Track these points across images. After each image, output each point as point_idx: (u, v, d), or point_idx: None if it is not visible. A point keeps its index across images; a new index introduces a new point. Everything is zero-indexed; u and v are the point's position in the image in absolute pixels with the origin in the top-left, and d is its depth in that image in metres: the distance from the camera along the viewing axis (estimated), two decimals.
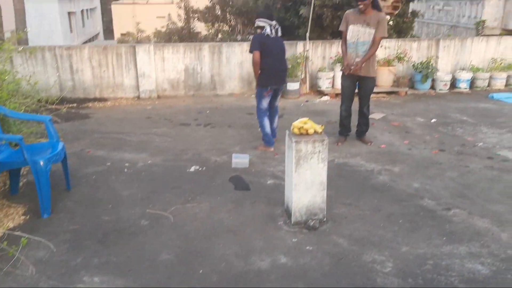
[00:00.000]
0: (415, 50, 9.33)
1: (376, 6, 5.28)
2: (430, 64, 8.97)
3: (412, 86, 9.13)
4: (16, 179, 4.27)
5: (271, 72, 5.34)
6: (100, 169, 4.94)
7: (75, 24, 29.98)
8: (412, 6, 12.53)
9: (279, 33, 5.39)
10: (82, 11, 32.01)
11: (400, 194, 4.32)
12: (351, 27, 5.30)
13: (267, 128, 5.51)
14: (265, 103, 5.46)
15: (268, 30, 5.29)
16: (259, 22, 5.37)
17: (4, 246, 3.16)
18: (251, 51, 5.28)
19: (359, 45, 5.30)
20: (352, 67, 5.34)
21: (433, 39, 9.76)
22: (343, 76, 5.58)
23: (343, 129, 5.81)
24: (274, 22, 5.36)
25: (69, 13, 28.72)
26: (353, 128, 5.92)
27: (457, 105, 7.98)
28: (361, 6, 5.15)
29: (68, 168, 4.34)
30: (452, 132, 6.34)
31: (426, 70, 8.84)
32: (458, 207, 4.03)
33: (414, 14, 11.93)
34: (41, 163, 3.71)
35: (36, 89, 5.10)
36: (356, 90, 5.64)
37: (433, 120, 6.94)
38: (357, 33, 5.28)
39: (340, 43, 5.64)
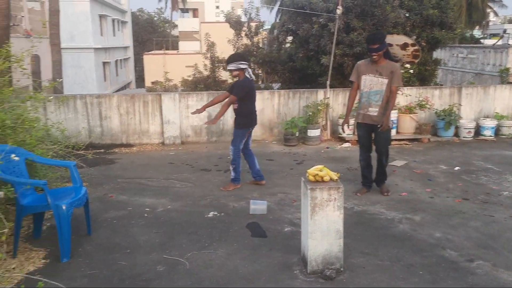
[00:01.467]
0: (437, 98, 9.32)
1: (388, 56, 5.32)
2: (453, 111, 8.92)
3: (435, 134, 9.05)
4: (40, 223, 4.40)
5: (253, 116, 5.79)
6: (121, 214, 5.03)
7: (109, 73, 31.40)
8: (435, 54, 12.64)
9: (253, 76, 5.80)
10: (116, 61, 33.60)
11: (421, 244, 4.22)
12: (363, 77, 5.29)
13: (241, 167, 5.87)
14: (242, 144, 5.77)
15: (250, 72, 5.68)
16: (241, 65, 5.56)
17: None
18: (237, 95, 5.54)
19: (372, 95, 5.28)
20: (375, 123, 5.30)
21: (455, 87, 9.76)
22: (358, 126, 5.56)
23: (365, 180, 5.67)
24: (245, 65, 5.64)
25: (104, 63, 30.19)
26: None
27: (482, 153, 7.83)
28: (375, 57, 5.14)
29: (90, 213, 4.44)
30: (476, 180, 6.20)
31: (449, 117, 8.78)
32: (482, 259, 3.90)
33: (437, 62, 12.00)
34: (64, 207, 3.83)
35: (65, 135, 5.31)
36: None
37: (456, 168, 6.82)
38: (370, 82, 5.26)
39: (348, 94, 5.58)
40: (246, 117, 5.70)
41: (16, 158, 3.84)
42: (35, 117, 5.02)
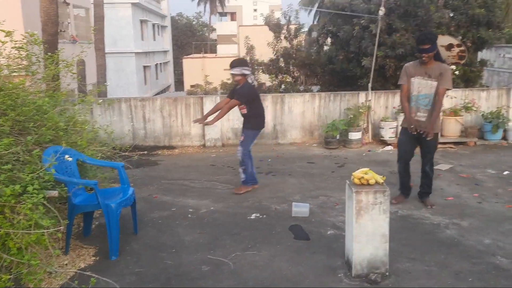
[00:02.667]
0: (484, 100, 9.01)
1: (438, 58, 5.02)
2: (501, 114, 8.59)
3: (481, 137, 8.74)
4: (89, 221, 4.57)
5: (262, 117, 5.89)
6: (165, 214, 5.15)
7: (150, 77, 32.22)
8: (480, 55, 12.23)
9: (255, 82, 5.78)
10: (156, 65, 34.43)
11: (469, 250, 4.09)
12: (412, 80, 5.00)
13: (253, 168, 5.91)
14: (252, 146, 5.86)
15: (253, 78, 5.79)
16: (244, 70, 5.62)
17: (75, 285, 3.36)
18: (239, 100, 5.65)
19: (421, 99, 4.99)
20: (420, 129, 4.94)
21: (503, 88, 9.40)
22: (403, 130, 5.21)
23: (403, 188, 5.39)
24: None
25: (145, 67, 31.02)
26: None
27: None
28: (424, 58, 4.85)
29: (137, 212, 4.58)
30: None
31: (496, 120, 8.47)
32: None
33: (483, 63, 11.60)
34: (113, 206, 3.96)
35: (111, 137, 5.51)
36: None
37: (505, 172, 6.56)
38: (418, 85, 4.97)
39: (400, 98, 5.22)
40: (257, 118, 5.80)
41: (70, 159, 4.01)
42: (85, 120, 5.22)
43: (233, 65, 5.66)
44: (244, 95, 5.65)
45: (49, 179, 3.49)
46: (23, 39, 5.16)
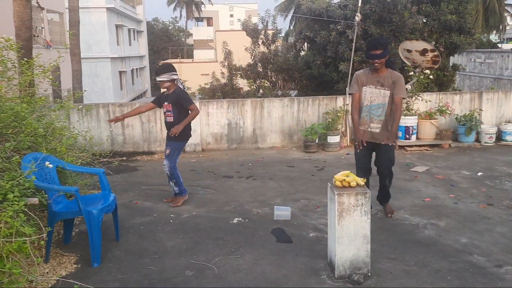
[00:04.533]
0: (458, 103, 9.27)
1: (389, 64, 4.72)
2: (474, 117, 8.86)
3: (455, 139, 8.99)
4: (70, 228, 4.50)
5: (190, 127, 5.51)
6: (147, 220, 5.11)
7: (126, 82, 31.85)
8: (452, 60, 12.59)
9: (184, 86, 5.52)
10: (132, 70, 34.07)
11: (447, 249, 4.21)
12: (363, 89, 4.68)
13: (181, 178, 5.61)
14: (178, 157, 5.58)
15: (181, 82, 5.45)
16: (173, 75, 5.28)
17: None
18: (192, 103, 5.33)
19: (374, 109, 4.69)
20: (374, 141, 4.71)
21: (475, 92, 9.70)
22: (355, 147, 4.77)
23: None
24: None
25: (120, 72, 30.64)
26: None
27: (504, 158, 7.76)
28: (376, 65, 4.55)
29: (118, 218, 4.53)
30: (500, 186, 6.15)
31: (470, 123, 8.72)
32: (510, 264, 3.87)
33: (455, 67, 11.95)
34: (94, 213, 3.92)
35: (90, 144, 5.44)
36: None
37: (479, 174, 6.77)
38: (371, 95, 4.67)
39: (351, 109, 4.83)
40: (185, 128, 5.35)
41: (50, 166, 3.96)
42: (64, 126, 5.15)
43: (160, 72, 5.28)
44: (187, 96, 5.39)
45: (30, 186, 3.44)
46: None
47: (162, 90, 5.55)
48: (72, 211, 4.08)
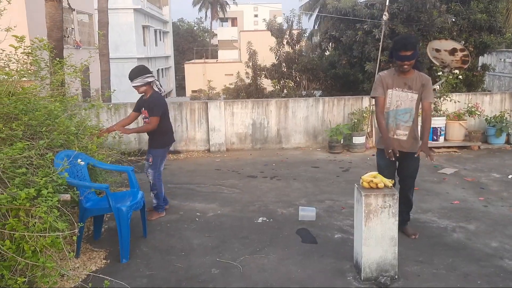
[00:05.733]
0: (488, 104, 9.06)
1: (417, 66, 4.28)
2: (504, 118, 8.64)
3: (485, 141, 8.78)
4: (99, 225, 4.61)
5: (171, 132, 5.28)
6: (173, 217, 5.18)
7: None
8: (482, 60, 12.31)
9: (162, 88, 5.18)
10: (157, 70, 34.52)
11: (477, 253, 4.12)
12: (389, 92, 4.21)
13: (163, 194, 5.26)
14: (163, 165, 5.28)
15: (158, 84, 5.07)
16: (148, 78, 4.93)
17: (90, 287, 3.39)
18: (158, 115, 4.93)
19: (400, 114, 4.23)
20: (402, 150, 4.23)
21: (506, 93, 9.45)
22: (380, 153, 4.34)
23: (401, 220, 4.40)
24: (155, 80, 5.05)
25: None
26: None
27: None
28: (405, 66, 4.09)
29: (146, 216, 4.61)
30: None
31: (500, 124, 8.51)
32: None
33: (485, 67, 11.68)
34: (124, 210, 4.00)
35: (120, 142, 5.55)
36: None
37: (510, 176, 6.60)
38: (397, 98, 4.21)
39: (376, 114, 4.33)
40: (165, 135, 5.13)
41: (82, 163, 4.06)
42: (94, 125, 5.27)
43: (133, 76, 4.93)
44: (160, 106, 4.98)
45: (62, 183, 3.53)
46: (32, 44, 5.22)
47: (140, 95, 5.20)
48: (102, 207, 4.18)
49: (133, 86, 5.00)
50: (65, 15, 16.02)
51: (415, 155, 4.26)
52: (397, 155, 4.10)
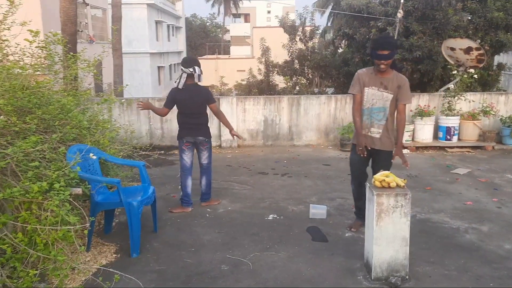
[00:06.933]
0: (503, 104, 8.93)
1: (394, 66, 4.32)
2: None
3: (499, 141, 8.66)
4: (110, 219, 4.63)
5: (185, 125, 5.23)
6: (184, 213, 5.19)
7: (164, 77, 32.43)
8: (497, 59, 12.11)
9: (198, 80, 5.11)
10: (170, 65, 34.64)
11: (490, 255, 4.07)
12: (366, 90, 4.29)
13: (187, 188, 5.24)
14: (186, 158, 5.26)
15: (178, 80, 5.10)
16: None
17: (100, 281, 3.41)
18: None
19: (375, 112, 4.31)
20: (374, 147, 4.35)
21: None
22: (354, 148, 4.46)
23: (358, 212, 4.70)
24: (187, 70, 5.03)
25: (159, 68, 31.21)
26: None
27: None
28: (382, 66, 4.13)
29: (157, 211, 4.63)
30: None
31: None
32: None
33: (501, 66, 11.49)
34: (135, 205, 4.02)
35: (132, 137, 5.57)
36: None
37: None
38: (373, 97, 4.28)
39: (352, 111, 4.45)
40: (179, 126, 5.29)
41: (94, 157, 4.08)
42: (106, 119, 5.30)
43: (192, 64, 5.06)
44: (168, 95, 5.24)
45: (74, 177, 3.55)
46: (47, 38, 5.26)
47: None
48: (113, 202, 4.20)
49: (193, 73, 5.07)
50: (79, 9, 16.14)
51: (391, 160, 4.39)
52: (365, 154, 4.28)
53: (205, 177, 5.43)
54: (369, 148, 4.32)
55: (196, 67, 5.06)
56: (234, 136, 5.43)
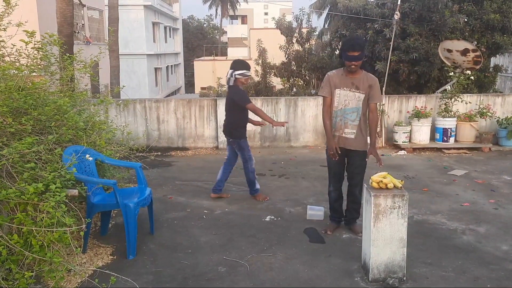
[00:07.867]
0: (499, 105, 8.95)
1: (364, 66, 4.37)
2: None
3: (496, 143, 8.68)
4: (107, 220, 4.61)
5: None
6: (180, 214, 5.18)
7: (161, 78, 32.41)
8: (493, 61, 12.15)
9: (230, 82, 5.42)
10: (167, 67, 34.63)
11: (487, 256, 4.07)
12: (337, 92, 4.32)
13: (219, 175, 5.77)
14: (227, 151, 5.82)
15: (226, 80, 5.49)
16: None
17: (96, 283, 3.39)
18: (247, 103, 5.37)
19: (348, 113, 4.33)
20: (349, 148, 4.40)
21: None
22: (328, 152, 4.47)
23: (334, 214, 4.72)
24: (229, 71, 5.41)
25: (156, 69, 31.20)
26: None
27: None
28: (353, 67, 4.18)
29: (153, 212, 4.61)
30: None
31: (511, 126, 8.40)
32: None
33: (497, 68, 11.53)
34: (131, 206, 4.00)
35: (128, 138, 5.55)
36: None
37: None
38: (345, 98, 4.30)
39: (322, 114, 4.46)
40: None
41: (90, 158, 4.06)
42: (103, 120, 5.28)
43: (242, 67, 5.42)
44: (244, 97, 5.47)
45: (70, 178, 3.53)
46: (43, 39, 5.23)
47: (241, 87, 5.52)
48: (109, 203, 4.18)
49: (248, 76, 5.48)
50: (76, 11, 16.10)
51: (366, 159, 4.42)
52: (337, 157, 4.34)
53: (229, 171, 5.88)
54: (344, 149, 4.38)
55: (230, 70, 5.42)
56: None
